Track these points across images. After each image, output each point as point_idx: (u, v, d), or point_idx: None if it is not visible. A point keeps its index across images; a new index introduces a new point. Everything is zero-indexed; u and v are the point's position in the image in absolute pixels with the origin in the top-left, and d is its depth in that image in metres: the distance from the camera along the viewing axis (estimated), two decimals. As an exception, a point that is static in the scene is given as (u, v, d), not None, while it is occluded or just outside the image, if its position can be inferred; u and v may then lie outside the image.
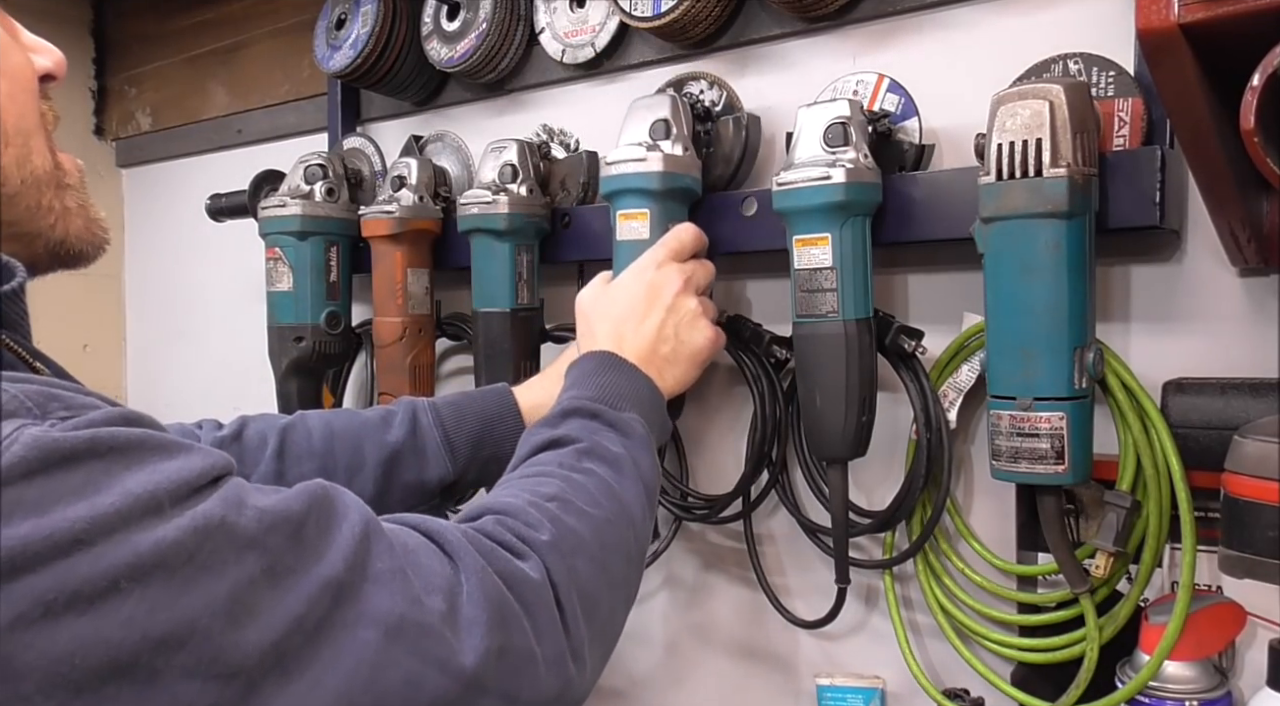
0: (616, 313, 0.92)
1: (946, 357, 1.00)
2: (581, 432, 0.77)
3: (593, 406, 0.80)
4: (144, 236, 2.02)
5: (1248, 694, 0.86)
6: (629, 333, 0.90)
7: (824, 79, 1.05)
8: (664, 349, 0.91)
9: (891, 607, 1.05)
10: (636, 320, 0.91)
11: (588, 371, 0.86)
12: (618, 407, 0.81)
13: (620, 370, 0.86)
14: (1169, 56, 0.66)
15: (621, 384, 0.85)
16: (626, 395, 0.83)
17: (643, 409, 0.84)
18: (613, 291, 0.94)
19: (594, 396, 0.82)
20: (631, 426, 0.80)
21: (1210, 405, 0.86)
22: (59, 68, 0.64)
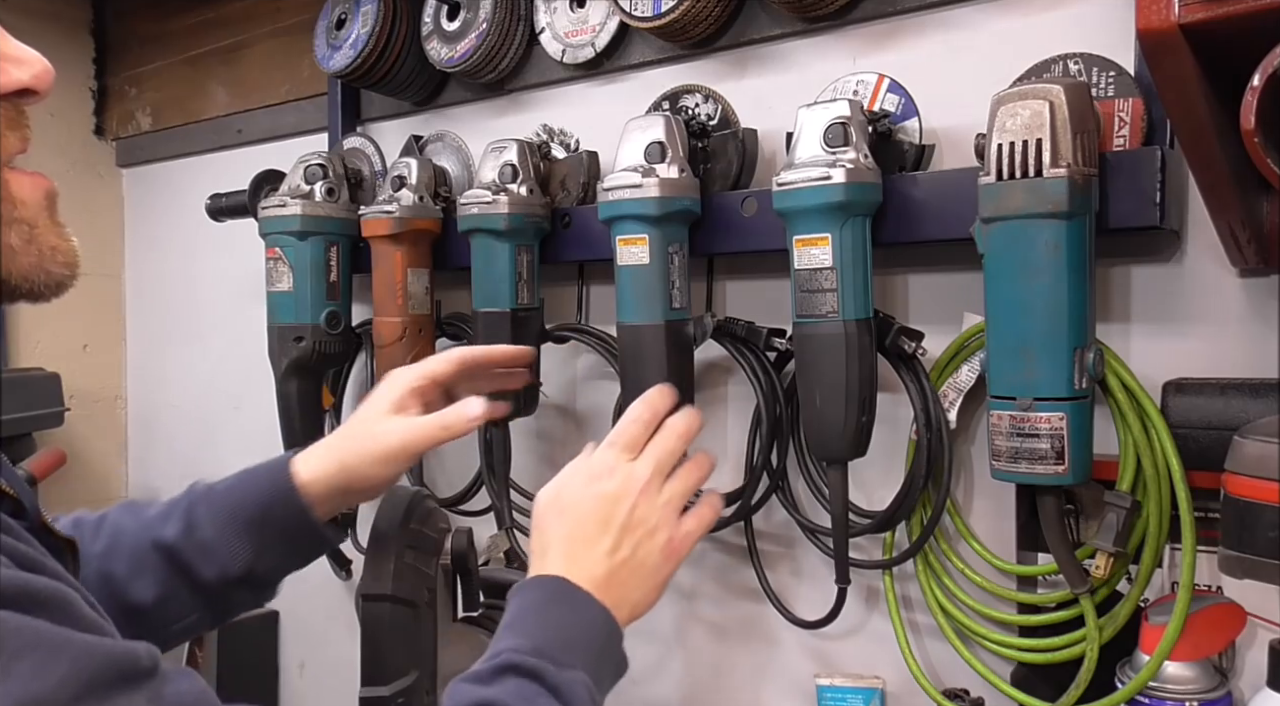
0: (567, 528, 0.80)
1: (946, 358, 1.00)
2: (514, 700, 0.68)
3: (532, 664, 0.70)
4: (144, 236, 2.02)
5: (1248, 694, 0.86)
6: (581, 554, 0.79)
7: (824, 79, 1.05)
8: (622, 573, 0.79)
9: (891, 607, 1.05)
10: (588, 540, 0.79)
11: (532, 605, 0.76)
12: (561, 664, 0.71)
13: (571, 604, 0.76)
14: (1169, 56, 0.66)
15: (569, 625, 0.74)
16: (575, 642, 0.73)
17: (592, 656, 0.74)
18: (564, 497, 0.82)
19: (535, 647, 0.71)
20: (574, 693, 0.70)
21: (1210, 405, 0.86)
22: (38, 82, 0.57)
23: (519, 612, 0.75)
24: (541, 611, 0.75)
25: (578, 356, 1.33)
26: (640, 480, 0.81)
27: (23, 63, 0.56)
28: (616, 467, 0.82)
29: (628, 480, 0.81)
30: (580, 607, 0.76)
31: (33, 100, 0.57)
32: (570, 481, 0.82)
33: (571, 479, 0.82)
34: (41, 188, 0.58)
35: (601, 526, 0.79)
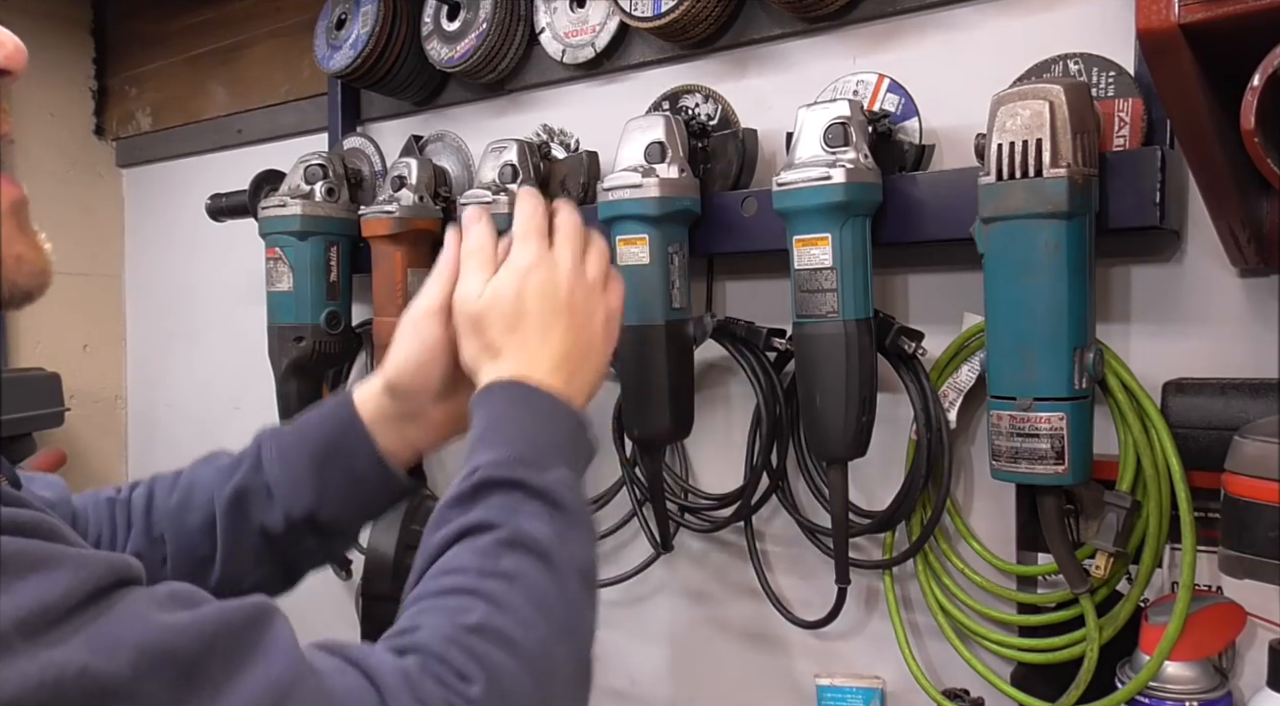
0: (513, 324, 0.77)
1: (946, 358, 1.00)
2: (500, 515, 0.66)
3: (511, 475, 0.68)
4: (144, 236, 2.02)
5: (1248, 694, 0.86)
6: (535, 348, 0.77)
7: (824, 79, 1.05)
8: (574, 359, 0.78)
9: (891, 607, 1.05)
10: (539, 333, 0.77)
11: (499, 414, 0.73)
12: (541, 466, 0.69)
13: (536, 404, 0.74)
14: (1169, 56, 0.66)
15: (541, 426, 0.73)
16: (548, 441, 0.72)
17: (567, 450, 0.73)
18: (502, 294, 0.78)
19: (511, 456, 0.69)
20: (559, 492, 0.68)
21: (1210, 405, 0.86)
22: (10, 61, 0.54)
23: (488, 424, 0.73)
24: (509, 418, 0.73)
25: (578, 356, 1.33)
26: (568, 264, 0.80)
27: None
28: (542, 257, 0.80)
29: (558, 268, 0.80)
30: (545, 405, 0.74)
31: (7, 81, 0.55)
32: (504, 279, 0.79)
33: (504, 277, 0.79)
34: (9, 197, 0.56)
35: (548, 318, 0.78)
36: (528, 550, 0.64)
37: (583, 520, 0.70)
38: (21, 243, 0.57)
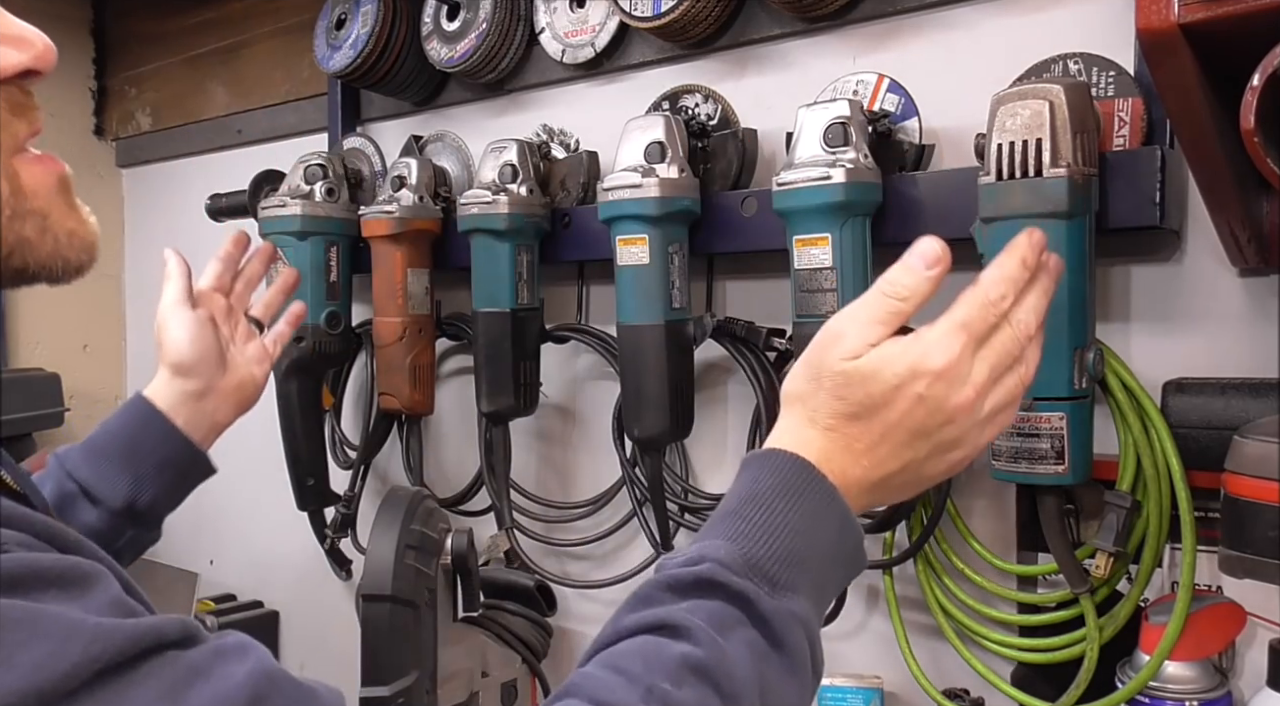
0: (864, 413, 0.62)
1: (946, 358, 1.00)
2: (706, 630, 0.54)
3: (740, 586, 0.56)
4: (144, 236, 2.02)
5: (1248, 694, 0.86)
6: (863, 452, 0.63)
7: (824, 79, 1.05)
8: (894, 483, 0.64)
9: (891, 607, 1.05)
10: (883, 441, 0.62)
11: (764, 494, 0.61)
12: (781, 587, 0.58)
13: (822, 509, 0.61)
14: (1169, 56, 0.66)
15: (804, 533, 0.60)
16: (804, 556, 0.59)
17: (824, 575, 0.61)
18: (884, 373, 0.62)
19: (752, 558, 0.58)
20: (786, 628, 0.57)
21: (1210, 405, 0.86)
22: (40, 62, 0.54)
23: (745, 500, 0.61)
24: (772, 507, 0.60)
25: (578, 356, 1.33)
26: (974, 390, 0.62)
27: (23, 42, 0.54)
28: (958, 368, 0.62)
29: (962, 390, 0.62)
30: (821, 507, 0.61)
31: (35, 80, 0.56)
32: (898, 360, 0.62)
33: (899, 358, 0.62)
34: (54, 173, 0.57)
35: (904, 436, 0.62)
36: (716, 688, 0.53)
37: (801, 667, 0.58)
38: (72, 218, 0.59)
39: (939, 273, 0.63)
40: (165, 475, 0.91)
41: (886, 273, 0.64)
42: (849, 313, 0.64)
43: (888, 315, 0.63)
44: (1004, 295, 0.63)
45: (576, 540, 1.28)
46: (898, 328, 0.64)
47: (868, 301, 0.64)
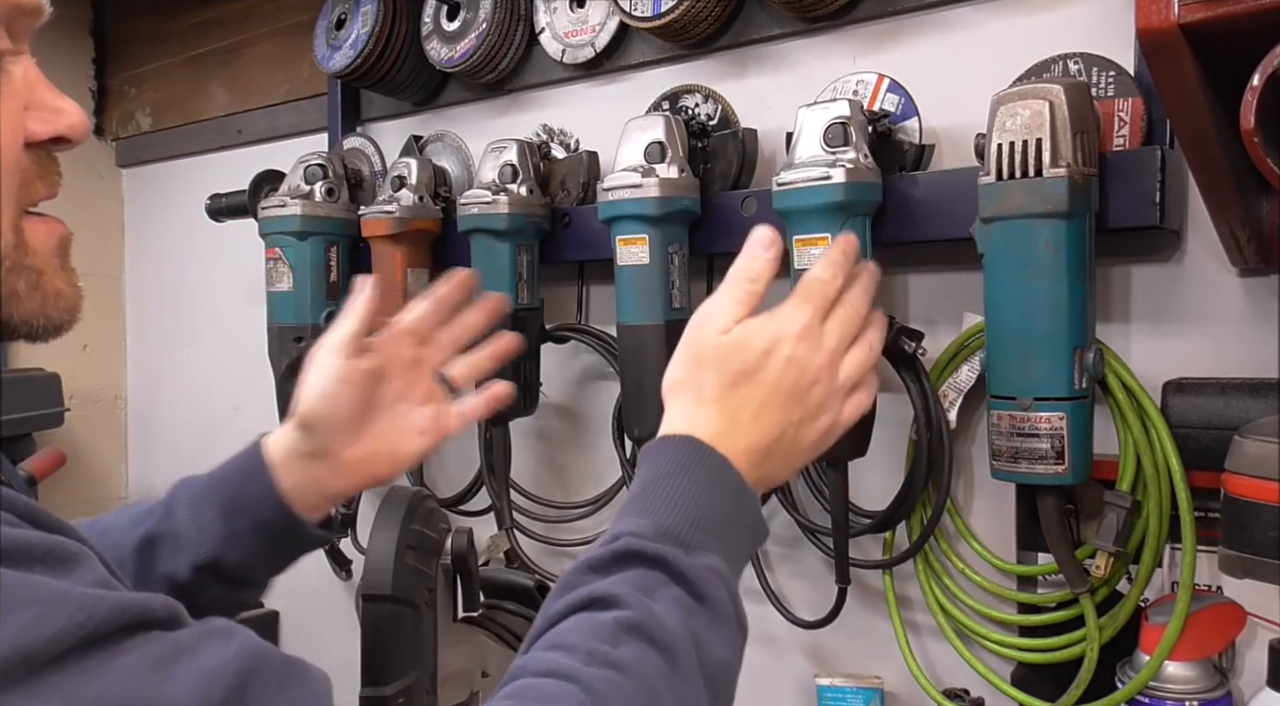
0: (739, 382, 0.68)
1: (946, 358, 1.00)
2: (631, 593, 0.58)
3: (655, 550, 0.60)
4: (144, 236, 2.02)
5: (1248, 694, 0.86)
6: (746, 420, 0.68)
7: (824, 79, 1.05)
8: (777, 449, 0.69)
9: (891, 607, 1.05)
10: (763, 408, 0.68)
11: (663, 474, 0.65)
12: (693, 547, 0.61)
13: (706, 473, 0.65)
14: (1169, 56, 0.66)
15: (709, 501, 0.64)
16: (707, 518, 0.63)
17: (728, 531, 0.65)
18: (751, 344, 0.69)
19: (660, 529, 0.62)
20: (705, 582, 0.60)
21: (1210, 405, 0.86)
22: (73, 132, 0.58)
23: (647, 482, 0.65)
24: (671, 482, 0.64)
25: (578, 356, 1.33)
26: (828, 353, 0.70)
27: (61, 112, 0.58)
28: (810, 332, 0.70)
29: (819, 351, 0.70)
30: (717, 477, 0.65)
31: (65, 148, 0.59)
32: (758, 332, 0.69)
33: (759, 330, 0.69)
34: (55, 235, 0.59)
35: (776, 399, 0.68)
36: (651, 641, 0.56)
37: (725, 617, 0.61)
38: (63, 279, 0.59)
39: (775, 252, 0.72)
40: (258, 536, 0.81)
41: (735, 263, 0.72)
42: (713, 300, 0.72)
43: (746, 295, 0.71)
44: (834, 275, 0.72)
45: (576, 540, 1.28)
46: (754, 307, 0.71)
47: (726, 287, 0.72)
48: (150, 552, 0.80)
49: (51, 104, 0.58)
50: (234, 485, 0.81)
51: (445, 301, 0.91)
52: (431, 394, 0.89)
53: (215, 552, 0.79)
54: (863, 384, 0.73)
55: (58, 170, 0.60)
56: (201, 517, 0.80)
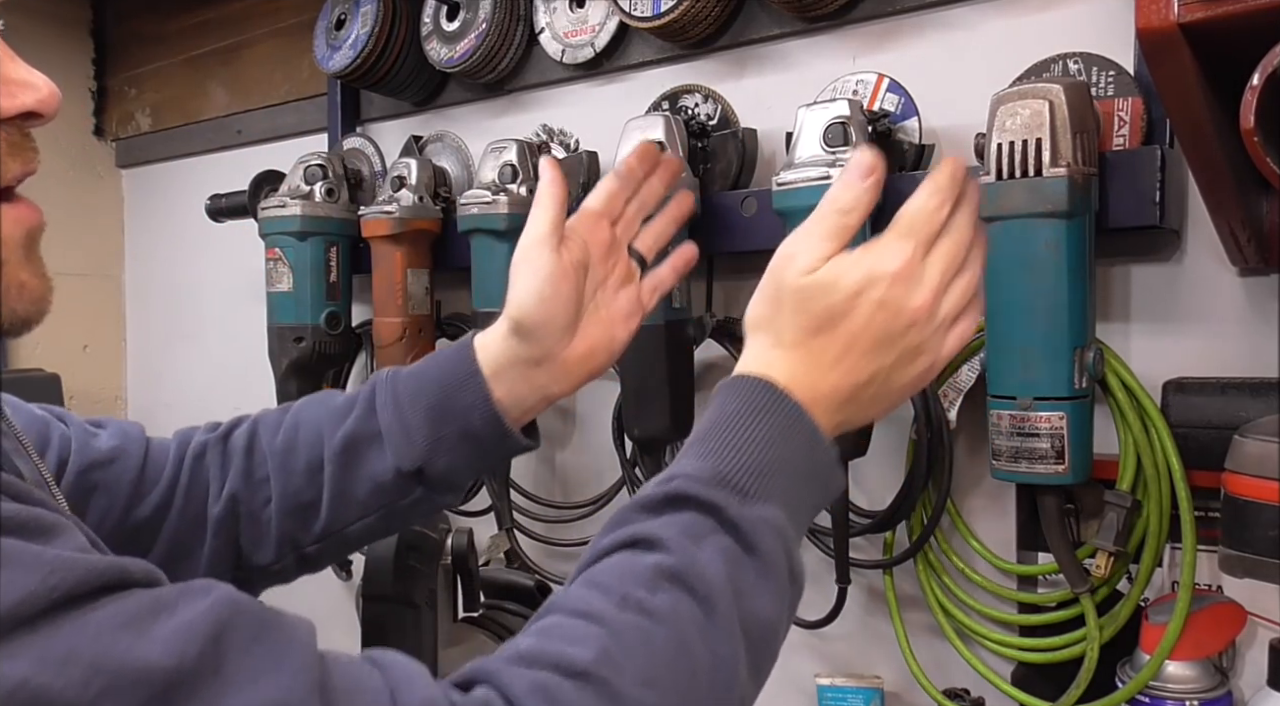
0: (827, 325, 0.63)
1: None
2: (677, 538, 0.55)
3: (709, 495, 0.57)
4: (144, 236, 2.02)
5: (1248, 694, 0.86)
6: (828, 365, 0.63)
7: (824, 79, 1.05)
8: (864, 396, 0.64)
9: (891, 607, 1.05)
10: (849, 352, 0.63)
11: (733, 417, 0.61)
12: (750, 496, 0.58)
13: (787, 425, 0.61)
14: (1169, 56, 0.66)
15: (771, 447, 0.60)
16: (772, 469, 0.59)
17: (793, 486, 0.60)
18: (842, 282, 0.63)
19: (718, 473, 0.58)
20: (758, 533, 0.57)
21: (1210, 405, 0.86)
22: (43, 106, 0.54)
23: (712, 424, 0.61)
24: (737, 426, 0.60)
25: (578, 356, 1.33)
26: (930, 292, 0.64)
27: (28, 86, 0.55)
28: (910, 271, 0.63)
29: (918, 291, 0.63)
30: (788, 424, 0.61)
31: (37, 123, 0.56)
32: (850, 270, 0.63)
33: (851, 268, 0.63)
34: (24, 224, 0.56)
35: (867, 345, 0.63)
36: (690, 590, 0.54)
37: (775, 572, 0.58)
38: (26, 270, 0.56)
39: (875, 180, 0.66)
40: (466, 445, 0.78)
41: (828, 191, 0.66)
42: (798, 233, 0.66)
43: (836, 230, 0.65)
44: (941, 204, 0.65)
45: (576, 540, 1.28)
46: (847, 242, 0.65)
47: (815, 220, 0.66)
48: (352, 453, 0.78)
49: (17, 78, 0.54)
50: (443, 391, 0.77)
51: (632, 175, 0.86)
52: (630, 274, 0.85)
53: (423, 459, 0.77)
54: (966, 312, 0.66)
55: (32, 145, 0.56)
56: (407, 422, 0.77)
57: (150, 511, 0.78)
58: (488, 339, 0.79)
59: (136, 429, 0.83)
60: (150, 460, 0.81)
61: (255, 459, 0.81)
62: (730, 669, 0.54)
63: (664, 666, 0.51)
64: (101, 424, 0.82)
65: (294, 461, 0.79)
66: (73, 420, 0.81)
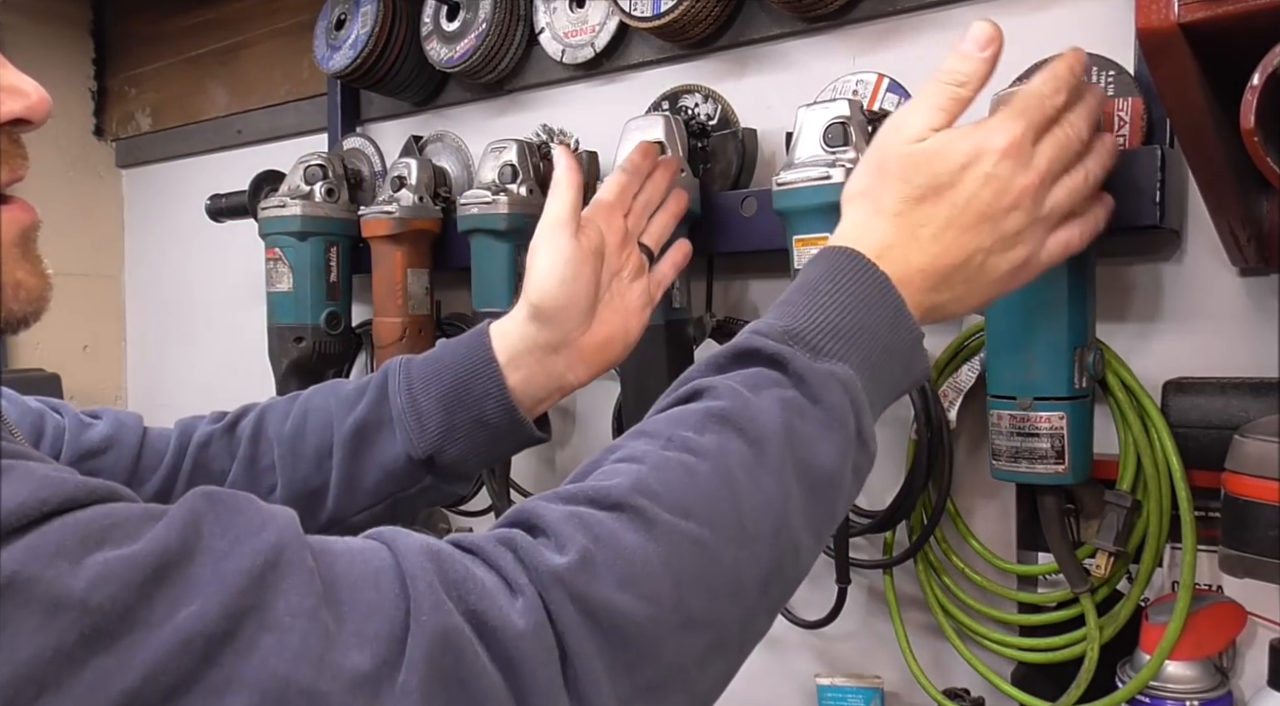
0: (928, 195, 0.61)
1: (946, 358, 1.00)
2: (734, 387, 0.55)
3: (776, 349, 0.56)
4: (144, 236, 2.02)
5: (1248, 694, 0.86)
6: (927, 237, 0.61)
7: (824, 79, 1.05)
8: (957, 277, 0.63)
9: (891, 607, 1.05)
10: (948, 226, 0.61)
11: (817, 282, 0.60)
12: (821, 353, 0.56)
13: (873, 295, 0.59)
14: (1169, 56, 0.66)
15: (851, 312, 0.58)
16: (850, 330, 0.58)
17: (872, 353, 0.58)
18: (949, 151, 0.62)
19: (789, 330, 0.57)
20: (824, 386, 0.55)
21: (1210, 405, 0.86)
22: (33, 112, 0.54)
23: (794, 289, 0.61)
24: (818, 290, 0.59)
25: (578, 356, 1.33)
26: (1038, 176, 0.62)
27: (18, 92, 0.54)
28: (1020, 151, 0.62)
29: (1025, 175, 0.62)
30: (872, 294, 0.59)
31: (26, 129, 0.56)
32: (959, 142, 0.62)
33: (960, 140, 0.62)
34: (18, 223, 0.56)
35: (977, 220, 0.61)
36: (740, 431, 0.52)
37: (839, 425, 0.55)
38: (23, 268, 0.56)
39: (993, 52, 0.65)
40: (479, 434, 0.77)
41: (943, 62, 0.65)
42: (909, 105, 0.65)
43: (948, 101, 0.64)
44: (1057, 90, 0.64)
45: (576, 540, 1.28)
46: (957, 115, 0.64)
47: (927, 91, 0.65)
48: (362, 440, 0.78)
49: (6, 84, 0.54)
50: (457, 378, 0.77)
51: (639, 170, 0.88)
52: (641, 267, 0.86)
53: (434, 447, 0.77)
54: (1076, 218, 0.65)
55: (20, 152, 0.56)
56: (420, 408, 0.77)
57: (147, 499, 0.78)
58: (506, 326, 0.79)
59: (133, 418, 0.84)
60: (147, 449, 0.81)
61: (261, 446, 0.81)
62: (779, 510, 0.52)
63: (704, 497, 0.50)
64: (98, 414, 0.82)
65: (302, 447, 0.79)
66: (68, 411, 0.81)
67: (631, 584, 0.47)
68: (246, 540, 0.42)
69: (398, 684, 0.41)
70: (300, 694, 0.39)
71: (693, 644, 0.49)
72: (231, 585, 0.40)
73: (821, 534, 0.55)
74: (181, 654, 0.39)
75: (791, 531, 0.53)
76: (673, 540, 0.49)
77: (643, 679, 0.47)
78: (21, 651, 0.37)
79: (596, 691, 0.45)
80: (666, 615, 0.48)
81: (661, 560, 0.48)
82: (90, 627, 0.38)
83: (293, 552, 0.42)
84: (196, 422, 0.86)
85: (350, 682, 0.40)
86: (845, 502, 0.58)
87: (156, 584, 0.40)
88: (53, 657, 0.37)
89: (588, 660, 0.45)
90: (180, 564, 0.41)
